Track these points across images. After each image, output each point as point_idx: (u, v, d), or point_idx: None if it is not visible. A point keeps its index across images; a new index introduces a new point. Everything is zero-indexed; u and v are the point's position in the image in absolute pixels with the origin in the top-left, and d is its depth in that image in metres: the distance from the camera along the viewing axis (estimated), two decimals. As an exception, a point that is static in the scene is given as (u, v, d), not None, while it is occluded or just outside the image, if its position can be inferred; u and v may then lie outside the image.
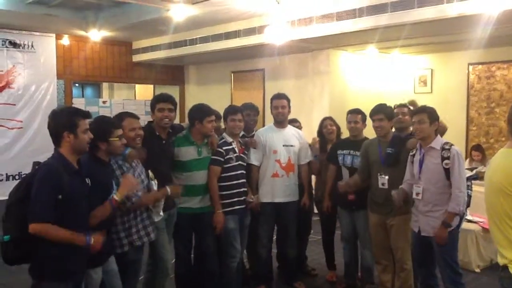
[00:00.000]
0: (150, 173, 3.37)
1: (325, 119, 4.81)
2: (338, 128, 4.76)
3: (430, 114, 3.55)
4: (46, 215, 2.47)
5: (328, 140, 4.69)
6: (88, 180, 2.72)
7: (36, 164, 2.69)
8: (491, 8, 4.36)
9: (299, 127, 4.80)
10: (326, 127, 4.69)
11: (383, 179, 3.90)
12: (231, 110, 4.10)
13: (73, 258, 2.60)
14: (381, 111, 3.97)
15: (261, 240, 4.41)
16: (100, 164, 2.93)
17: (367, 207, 4.18)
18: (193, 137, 3.88)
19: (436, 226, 3.52)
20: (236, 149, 4.03)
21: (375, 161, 3.99)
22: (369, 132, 4.44)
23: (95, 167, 2.86)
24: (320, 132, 4.78)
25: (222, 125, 4.33)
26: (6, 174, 6.97)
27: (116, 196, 2.83)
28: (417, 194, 3.59)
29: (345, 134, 4.73)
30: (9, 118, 7.06)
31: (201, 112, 3.87)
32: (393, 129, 4.13)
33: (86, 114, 2.72)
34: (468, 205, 3.70)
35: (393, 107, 4.34)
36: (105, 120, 3.08)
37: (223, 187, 3.94)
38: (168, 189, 3.41)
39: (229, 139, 4.02)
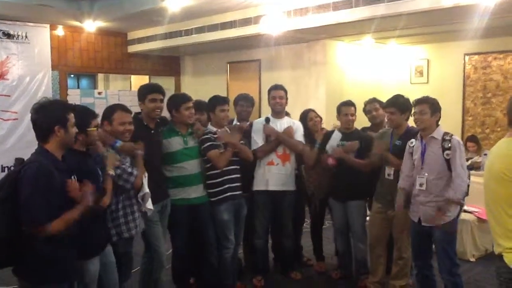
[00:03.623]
0: None
1: (308, 111, 4.73)
2: (320, 119, 4.74)
3: (431, 104, 3.54)
4: (44, 217, 2.36)
5: (313, 132, 4.58)
6: (74, 177, 2.61)
7: (19, 161, 2.53)
8: (487, -2, 4.36)
9: None
10: (312, 120, 4.61)
11: (389, 170, 3.92)
12: (220, 100, 4.04)
13: (66, 257, 2.53)
14: (393, 104, 3.93)
15: (257, 231, 4.42)
16: (80, 155, 2.83)
17: (361, 197, 4.25)
18: (177, 127, 3.87)
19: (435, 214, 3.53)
20: None
21: (382, 149, 3.98)
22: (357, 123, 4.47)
23: (77, 159, 2.77)
24: (303, 125, 4.67)
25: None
26: (2, 165, 6.95)
27: (110, 171, 2.93)
28: (421, 184, 3.58)
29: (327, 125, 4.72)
30: (4, 109, 7.02)
31: (176, 99, 3.88)
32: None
33: (73, 107, 2.66)
34: (467, 194, 3.70)
35: (364, 103, 4.45)
36: (82, 111, 2.94)
37: (213, 175, 3.92)
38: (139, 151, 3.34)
39: (213, 129, 3.97)
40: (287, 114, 4.82)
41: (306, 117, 4.68)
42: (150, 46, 8.16)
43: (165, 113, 3.93)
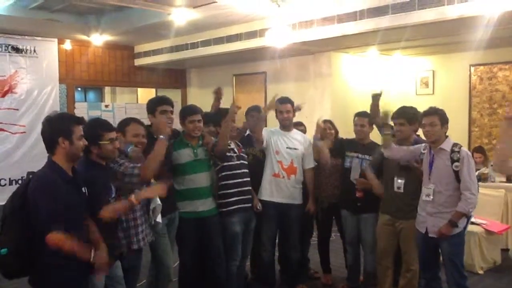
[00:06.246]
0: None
1: (324, 122, 4.73)
2: (337, 132, 4.73)
3: (441, 116, 3.52)
4: (59, 222, 2.40)
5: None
6: (84, 189, 2.65)
7: (30, 173, 2.62)
8: (491, 10, 4.36)
9: (304, 131, 4.79)
10: (325, 131, 4.64)
11: (399, 183, 3.88)
12: (224, 114, 4.04)
13: (76, 265, 2.55)
14: (402, 116, 3.90)
15: (264, 244, 4.40)
16: (97, 167, 2.87)
17: (376, 210, 4.16)
18: (187, 139, 3.88)
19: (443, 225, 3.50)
20: (235, 149, 4.03)
21: (392, 163, 3.95)
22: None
23: (93, 170, 2.81)
24: None
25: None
26: (10, 179, 7.00)
27: (134, 198, 2.78)
28: (427, 195, 3.58)
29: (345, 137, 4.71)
30: (12, 123, 7.08)
31: (182, 112, 3.90)
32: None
33: (80, 120, 2.67)
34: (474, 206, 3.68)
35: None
36: (93, 124, 2.98)
37: (226, 186, 3.94)
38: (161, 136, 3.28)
39: None
40: (301, 124, 4.85)
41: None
42: (156, 59, 8.23)
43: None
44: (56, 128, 2.57)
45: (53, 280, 2.52)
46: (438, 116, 3.52)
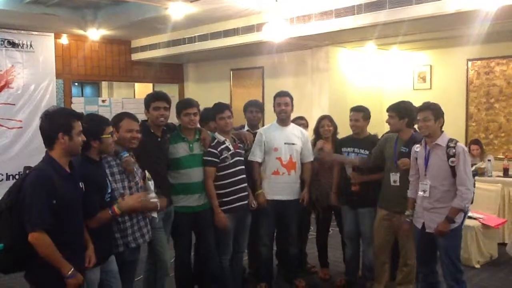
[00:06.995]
0: (147, 174, 3.34)
1: (323, 118, 4.73)
2: (335, 128, 4.73)
3: (434, 111, 3.53)
4: (44, 221, 2.40)
5: (323, 139, 4.63)
6: (82, 184, 2.66)
7: (27, 168, 2.59)
8: (489, 4, 4.37)
9: (305, 125, 4.78)
10: (323, 127, 4.64)
11: (395, 177, 3.90)
12: (218, 108, 4.03)
13: (72, 261, 2.54)
14: (393, 109, 3.95)
15: (262, 239, 4.41)
16: (92, 163, 2.88)
17: (373, 204, 4.16)
18: (183, 133, 3.87)
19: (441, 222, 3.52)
20: (230, 147, 3.98)
21: (389, 157, 3.98)
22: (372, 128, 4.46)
23: (88, 167, 2.82)
24: (316, 130, 4.74)
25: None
26: (6, 174, 6.99)
27: (117, 208, 2.86)
28: (424, 191, 3.58)
29: (342, 133, 4.71)
30: (8, 118, 7.07)
31: (177, 106, 3.89)
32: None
33: (80, 116, 2.66)
34: (471, 202, 3.69)
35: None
36: (96, 118, 3.01)
37: (221, 186, 3.92)
38: (158, 203, 3.30)
39: (222, 138, 3.96)
40: (303, 119, 4.85)
41: (319, 123, 4.71)
42: (153, 54, 8.21)
43: (174, 120, 3.97)
44: (56, 123, 2.55)
45: (48, 276, 2.50)
46: (431, 111, 3.53)
